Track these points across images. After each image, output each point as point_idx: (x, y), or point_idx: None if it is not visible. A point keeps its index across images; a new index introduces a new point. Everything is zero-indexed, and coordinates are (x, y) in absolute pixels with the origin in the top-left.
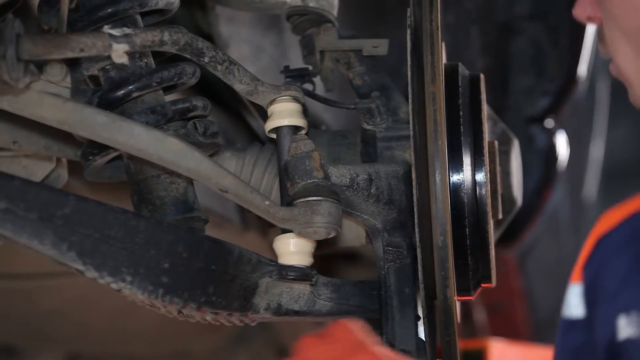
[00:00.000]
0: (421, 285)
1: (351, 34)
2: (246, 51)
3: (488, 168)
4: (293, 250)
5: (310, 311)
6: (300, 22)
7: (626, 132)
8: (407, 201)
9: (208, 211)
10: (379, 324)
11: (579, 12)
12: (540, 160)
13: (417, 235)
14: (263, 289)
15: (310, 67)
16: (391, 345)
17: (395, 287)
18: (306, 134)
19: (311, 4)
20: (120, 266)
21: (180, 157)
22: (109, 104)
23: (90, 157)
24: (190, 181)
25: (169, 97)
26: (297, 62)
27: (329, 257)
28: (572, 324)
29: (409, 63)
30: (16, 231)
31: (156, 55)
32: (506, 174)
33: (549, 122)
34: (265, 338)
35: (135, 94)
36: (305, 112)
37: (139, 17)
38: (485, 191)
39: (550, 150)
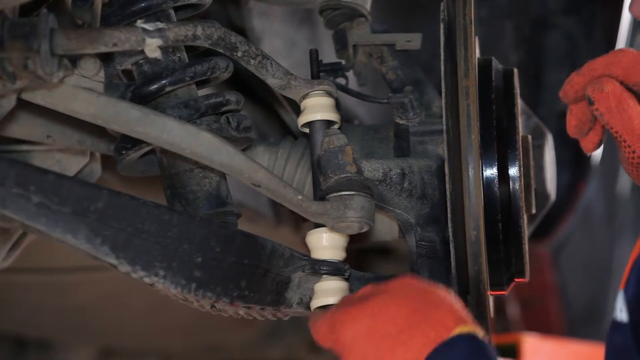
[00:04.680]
0: (454, 280)
1: (384, 28)
2: (279, 45)
3: (521, 162)
4: (326, 244)
5: None
6: (333, 16)
7: None
8: (440, 196)
9: (241, 206)
10: None
11: (635, 10)
12: (574, 154)
13: (450, 230)
14: (296, 284)
15: (343, 62)
16: None
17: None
18: (339, 128)
19: None
20: (153, 260)
21: (213, 151)
22: (142, 98)
23: (123, 152)
24: (223, 175)
25: (202, 92)
26: (330, 56)
27: (362, 252)
28: (617, 325)
29: (442, 57)
30: (50, 225)
31: (189, 49)
32: (540, 168)
33: None
34: (298, 332)
35: (168, 89)
36: (338, 106)
37: (172, 12)
38: (518, 186)
39: None
